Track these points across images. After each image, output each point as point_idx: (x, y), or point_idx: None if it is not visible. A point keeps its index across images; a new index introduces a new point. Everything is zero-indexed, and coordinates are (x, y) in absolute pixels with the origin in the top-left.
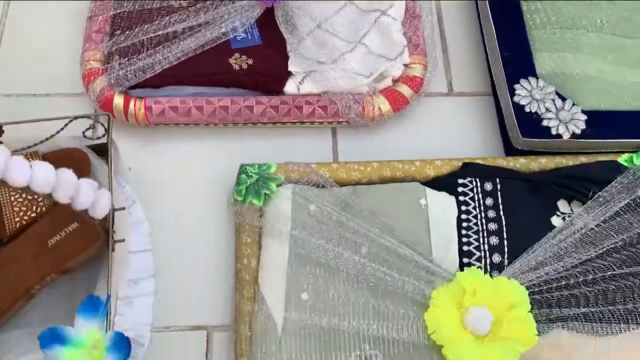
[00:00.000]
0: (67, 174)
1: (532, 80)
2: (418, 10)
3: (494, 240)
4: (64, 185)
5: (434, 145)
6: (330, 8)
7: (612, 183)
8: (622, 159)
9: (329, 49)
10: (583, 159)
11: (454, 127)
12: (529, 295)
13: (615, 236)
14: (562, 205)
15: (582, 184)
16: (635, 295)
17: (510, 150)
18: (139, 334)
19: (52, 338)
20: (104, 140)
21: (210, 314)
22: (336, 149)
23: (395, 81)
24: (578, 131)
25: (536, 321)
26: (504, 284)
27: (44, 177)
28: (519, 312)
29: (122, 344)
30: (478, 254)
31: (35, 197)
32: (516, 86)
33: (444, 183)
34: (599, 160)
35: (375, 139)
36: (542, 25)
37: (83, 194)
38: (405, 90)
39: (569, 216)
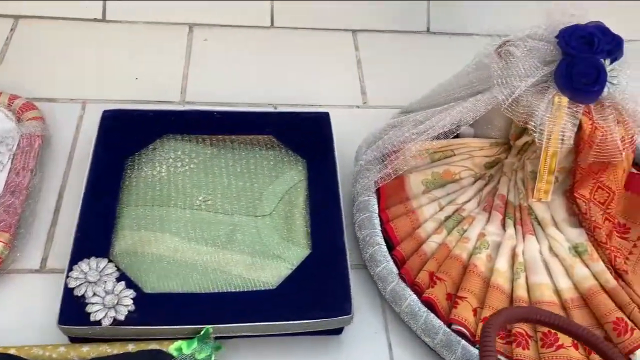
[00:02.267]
0: None
1: (94, 261)
2: (25, 183)
3: None
4: None
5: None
6: None
7: None
8: (173, 347)
9: None
10: (131, 347)
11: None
12: None
13: None
14: None
15: None
16: None
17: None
18: None
19: None
20: None
21: None
22: None
23: None
24: (121, 317)
25: None
26: None
27: None
28: None
29: None
30: None
31: None
32: (74, 267)
33: None
34: (143, 349)
35: None
36: (135, 203)
37: None
38: None
39: None
